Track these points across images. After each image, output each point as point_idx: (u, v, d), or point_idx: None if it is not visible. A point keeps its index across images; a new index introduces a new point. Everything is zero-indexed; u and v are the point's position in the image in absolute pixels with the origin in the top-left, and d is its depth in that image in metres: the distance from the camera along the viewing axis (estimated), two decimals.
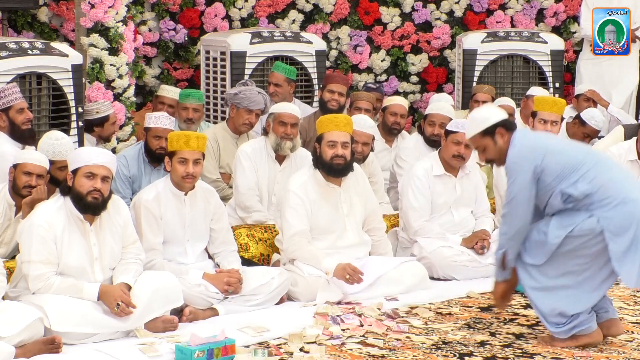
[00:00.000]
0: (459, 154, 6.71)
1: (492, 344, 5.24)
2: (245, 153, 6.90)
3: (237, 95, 7.61)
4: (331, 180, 6.24)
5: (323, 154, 6.18)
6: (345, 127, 6.21)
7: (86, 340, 5.10)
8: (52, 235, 5.18)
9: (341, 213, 6.28)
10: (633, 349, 5.18)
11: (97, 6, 7.85)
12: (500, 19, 10.81)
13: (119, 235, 5.42)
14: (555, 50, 9.75)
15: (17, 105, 6.32)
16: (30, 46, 6.97)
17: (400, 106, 8.12)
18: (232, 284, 5.76)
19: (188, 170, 5.73)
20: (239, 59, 8.84)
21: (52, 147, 6.05)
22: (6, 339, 4.76)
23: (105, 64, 7.91)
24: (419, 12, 10.73)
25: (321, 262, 6.01)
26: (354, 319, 5.58)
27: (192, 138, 5.78)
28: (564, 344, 5.12)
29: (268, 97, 7.77)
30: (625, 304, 6.01)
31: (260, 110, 7.64)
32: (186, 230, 5.87)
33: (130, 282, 5.30)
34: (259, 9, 10.22)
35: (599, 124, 8.48)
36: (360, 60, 10.61)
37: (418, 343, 5.24)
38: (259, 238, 6.55)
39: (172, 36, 9.99)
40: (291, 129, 6.81)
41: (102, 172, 5.26)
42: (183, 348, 4.86)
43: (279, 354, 5.03)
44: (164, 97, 8.40)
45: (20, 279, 5.28)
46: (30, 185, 5.78)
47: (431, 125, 7.49)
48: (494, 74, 9.73)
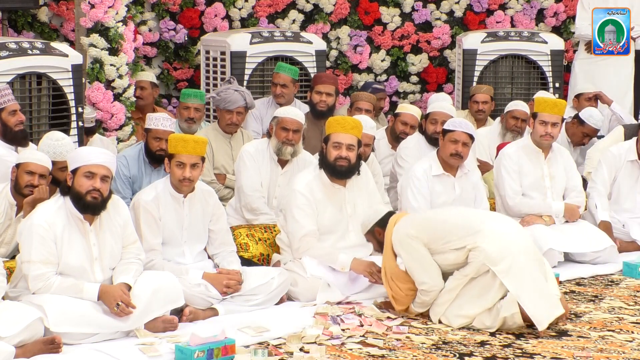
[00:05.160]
0: (457, 153, 6.71)
1: (492, 344, 5.24)
2: (248, 153, 6.90)
3: (215, 98, 7.75)
4: (335, 181, 6.24)
5: (328, 154, 6.19)
6: (352, 129, 6.21)
7: (86, 340, 5.11)
8: (52, 235, 5.18)
9: (345, 214, 6.29)
10: (633, 349, 5.18)
11: (97, 6, 7.85)
12: (500, 19, 10.82)
13: (118, 235, 5.42)
14: (555, 50, 9.74)
15: (9, 107, 6.30)
16: (30, 46, 6.97)
17: (413, 117, 8.03)
18: (231, 285, 5.76)
19: (185, 174, 5.73)
20: (239, 59, 8.84)
21: (52, 148, 6.05)
22: (6, 339, 4.76)
23: (105, 64, 7.91)
24: (419, 12, 10.73)
25: (337, 259, 6.04)
26: (354, 319, 5.58)
27: (190, 142, 5.78)
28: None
29: (247, 93, 7.81)
30: (626, 304, 6.01)
31: (243, 107, 7.69)
32: (184, 232, 5.87)
33: (130, 282, 5.30)
34: (259, 9, 10.22)
35: (597, 123, 8.48)
36: (360, 60, 10.60)
37: (418, 343, 5.24)
38: (258, 238, 6.55)
39: (172, 36, 9.99)
40: (293, 135, 6.81)
41: (102, 172, 5.26)
42: (183, 348, 4.86)
43: (279, 354, 5.03)
44: (141, 80, 8.62)
45: (20, 279, 5.28)
46: (32, 184, 5.78)
47: (433, 123, 7.49)
48: (493, 74, 9.72)
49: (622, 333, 5.45)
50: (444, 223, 5.65)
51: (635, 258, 6.83)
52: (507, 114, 8.40)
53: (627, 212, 7.44)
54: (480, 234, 5.48)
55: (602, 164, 7.47)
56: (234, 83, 8.10)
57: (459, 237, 5.52)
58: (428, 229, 5.62)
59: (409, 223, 5.69)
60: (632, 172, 7.44)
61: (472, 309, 5.47)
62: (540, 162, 7.13)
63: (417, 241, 5.58)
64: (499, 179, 7.18)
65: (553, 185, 7.15)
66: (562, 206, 7.10)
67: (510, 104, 8.50)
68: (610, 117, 9.17)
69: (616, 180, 7.45)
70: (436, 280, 5.58)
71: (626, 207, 7.45)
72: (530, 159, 7.13)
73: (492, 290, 5.43)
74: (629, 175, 7.44)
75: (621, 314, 5.79)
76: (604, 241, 7.01)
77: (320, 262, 6.07)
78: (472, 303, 5.47)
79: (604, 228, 7.18)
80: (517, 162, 7.12)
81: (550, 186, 7.14)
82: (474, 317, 5.47)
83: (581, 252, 6.95)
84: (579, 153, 8.60)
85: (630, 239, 7.33)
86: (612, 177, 7.44)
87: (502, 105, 9.00)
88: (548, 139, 7.04)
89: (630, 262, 6.73)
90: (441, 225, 5.63)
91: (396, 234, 5.67)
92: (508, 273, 5.38)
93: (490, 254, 5.41)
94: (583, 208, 7.28)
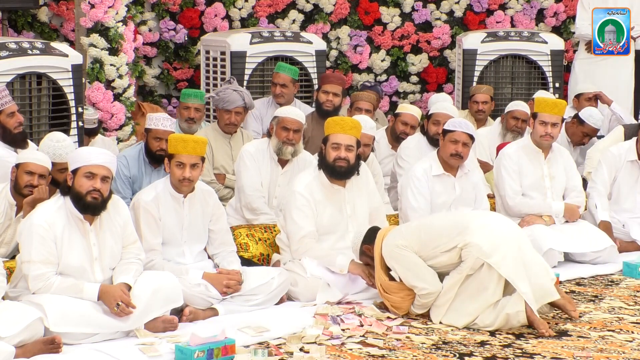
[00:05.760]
0: (457, 153, 6.71)
1: (492, 344, 5.24)
2: (249, 153, 6.90)
3: (215, 98, 7.76)
4: (335, 182, 6.24)
5: (327, 155, 6.19)
6: (351, 130, 6.21)
7: (86, 340, 5.10)
8: (52, 235, 5.17)
9: (344, 214, 6.29)
10: (633, 349, 5.18)
11: (97, 6, 7.86)
12: (500, 19, 10.82)
13: (118, 235, 5.42)
14: (555, 50, 9.75)
15: (7, 109, 6.29)
16: (30, 46, 6.97)
17: (413, 117, 8.04)
18: (231, 286, 5.76)
19: (185, 174, 5.73)
20: (239, 59, 8.85)
21: (53, 149, 6.05)
22: (6, 339, 4.76)
23: (105, 64, 7.92)
24: (419, 12, 10.73)
25: (335, 260, 6.04)
26: (354, 319, 5.58)
27: (190, 142, 5.77)
28: None
29: (246, 94, 7.82)
30: (626, 304, 6.01)
31: (241, 107, 7.70)
32: (183, 232, 5.87)
33: (130, 282, 5.30)
34: (259, 9, 10.23)
35: (597, 122, 8.48)
36: (360, 60, 10.61)
37: (418, 343, 5.24)
38: (258, 238, 6.55)
39: (172, 36, 9.99)
40: (294, 135, 6.81)
41: (102, 172, 5.26)
42: (183, 348, 4.86)
43: (279, 354, 5.03)
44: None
45: (20, 279, 5.28)
46: (31, 184, 5.78)
47: (436, 124, 7.48)
48: (494, 74, 9.72)
49: (622, 333, 5.45)
50: (430, 228, 5.69)
51: (635, 258, 6.83)
52: (508, 114, 8.40)
53: (627, 212, 7.44)
54: (468, 231, 5.53)
55: (602, 164, 7.47)
56: (234, 83, 8.11)
57: (448, 239, 5.56)
58: (416, 237, 5.66)
59: (397, 234, 5.74)
60: (632, 172, 7.44)
61: (473, 306, 5.47)
62: (540, 162, 7.13)
63: (408, 250, 5.62)
64: (499, 179, 7.18)
65: (553, 185, 7.15)
66: (562, 206, 7.11)
67: (511, 104, 8.51)
68: (610, 117, 9.16)
69: (616, 180, 7.45)
70: (433, 283, 5.59)
71: (626, 207, 7.45)
72: (530, 159, 7.13)
73: (492, 284, 5.44)
74: (629, 175, 7.44)
75: (621, 314, 5.79)
76: (604, 241, 7.01)
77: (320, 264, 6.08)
78: (473, 300, 5.48)
79: (604, 228, 7.18)
80: (517, 162, 7.12)
81: (550, 186, 7.14)
82: (476, 314, 5.47)
83: (581, 252, 6.95)
84: (579, 153, 8.60)
85: (630, 239, 7.33)
86: (612, 177, 7.44)
87: (502, 105, 9.01)
88: (548, 139, 7.04)
89: (630, 262, 6.73)
90: (428, 231, 5.67)
91: (385, 247, 5.71)
92: (503, 262, 5.42)
93: (482, 246, 5.45)
94: (583, 208, 7.29)
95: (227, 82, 8.18)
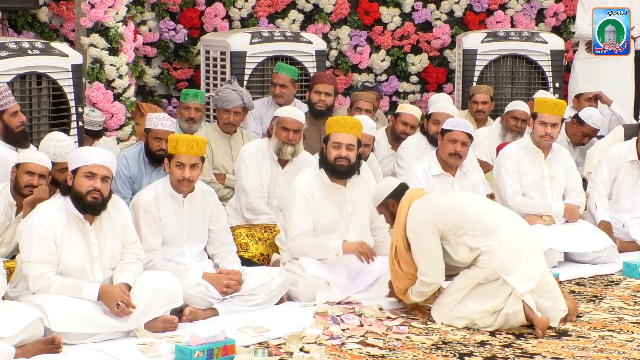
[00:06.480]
0: (456, 152, 6.72)
1: (492, 344, 5.24)
2: (249, 153, 6.91)
3: (214, 97, 7.77)
4: (336, 181, 6.24)
5: (328, 154, 6.19)
6: (352, 129, 6.21)
7: (86, 340, 5.10)
8: (52, 235, 5.17)
9: (345, 213, 6.28)
10: (633, 349, 5.18)
11: (97, 6, 7.85)
12: (500, 19, 10.82)
13: (118, 235, 5.42)
14: (556, 50, 9.75)
15: (10, 108, 6.29)
16: (30, 46, 6.97)
17: (413, 117, 8.05)
18: (231, 286, 5.76)
19: (184, 174, 5.73)
20: (239, 59, 8.85)
21: (53, 149, 6.05)
22: (6, 339, 4.76)
23: (105, 64, 7.92)
24: (419, 12, 10.73)
25: (329, 247, 6.03)
26: (354, 319, 5.58)
27: (190, 142, 5.77)
28: None
29: (246, 94, 7.83)
30: (626, 304, 6.01)
31: (240, 107, 7.70)
32: (183, 232, 5.87)
33: (130, 282, 5.30)
34: (259, 9, 10.22)
35: (597, 122, 8.48)
36: (360, 60, 10.60)
37: (418, 343, 5.24)
38: (258, 238, 6.55)
39: (172, 36, 9.99)
40: (293, 135, 6.81)
41: (102, 172, 5.26)
42: (183, 348, 4.86)
43: (279, 354, 5.03)
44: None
45: (20, 279, 5.28)
46: (31, 184, 5.78)
47: (436, 124, 7.48)
48: (494, 74, 9.72)
49: (622, 333, 5.45)
50: (459, 214, 5.55)
51: (635, 258, 6.83)
52: (507, 114, 8.40)
53: (627, 212, 7.44)
54: (496, 238, 5.44)
55: (602, 164, 7.47)
56: (234, 83, 8.11)
57: (474, 235, 5.47)
58: (444, 217, 5.54)
59: (425, 209, 5.58)
60: (632, 172, 7.44)
61: (476, 310, 5.46)
62: (540, 162, 7.13)
63: (432, 230, 5.49)
64: (499, 179, 7.18)
65: (553, 186, 7.15)
66: (562, 206, 7.10)
67: (511, 104, 8.51)
68: (610, 117, 9.16)
69: (616, 180, 7.45)
70: (438, 276, 5.56)
71: (626, 207, 7.45)
72: (530, 159, 7.13)
73: (501, 296, 5.42)
74: (629, 175, 7.44)
75: (621, 314, 5.79)
76: (604, 241, 7.01)
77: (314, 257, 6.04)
78: (477, 306, 5.46)
79: (604, 228, 7.18)
80: (517, 162, 7.12)
81: (550, 186, 7.14)
82: (479, 317, 5.46)
83: (581, 252, 6.95)
84: (579, 153, 8.60)
85: (630, 239, 7.33)
86: (612, 177, 7.45)
87: (502, 105, 9.01)
88: (548, 139, 7.04)
89: (630, 262, 6.73)
90: (456, 217, 5.54)
91: (411, 219, 5.58)
92: (521, 281, 5.39)
93: (503, 262, 5.40)
94: (583, 208, 7.29)
95: (227, 82, 8.18)
